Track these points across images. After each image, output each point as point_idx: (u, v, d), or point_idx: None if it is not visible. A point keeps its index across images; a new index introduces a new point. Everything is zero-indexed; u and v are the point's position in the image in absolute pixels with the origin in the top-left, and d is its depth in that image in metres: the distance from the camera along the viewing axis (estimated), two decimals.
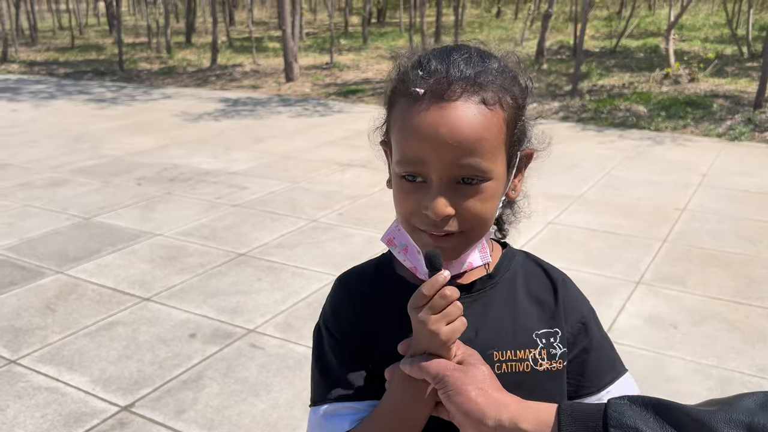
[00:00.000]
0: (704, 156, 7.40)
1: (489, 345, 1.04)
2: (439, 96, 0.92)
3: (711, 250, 4.75)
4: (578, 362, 1.09)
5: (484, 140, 0.93)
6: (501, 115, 0.95)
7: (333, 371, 1.05)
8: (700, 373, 3.27)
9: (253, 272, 4.45)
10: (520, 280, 1.11)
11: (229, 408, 3.05)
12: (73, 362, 3.42)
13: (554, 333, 1.07)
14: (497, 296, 1.08)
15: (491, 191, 0.97)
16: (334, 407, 1.04)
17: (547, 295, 1.10)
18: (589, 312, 1.13)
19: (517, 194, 1.08)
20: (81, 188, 6.39)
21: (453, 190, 0.94)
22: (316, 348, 1.11)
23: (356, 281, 1.14)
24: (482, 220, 0.98)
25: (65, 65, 16.59)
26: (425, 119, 0.92)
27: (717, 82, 10.87)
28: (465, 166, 0.92)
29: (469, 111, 0.92)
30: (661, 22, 19.82)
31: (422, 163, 0.93)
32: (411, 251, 1.05)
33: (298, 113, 10.31)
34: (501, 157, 0.97)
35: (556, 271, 1.15)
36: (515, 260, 1.14)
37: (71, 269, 4.53)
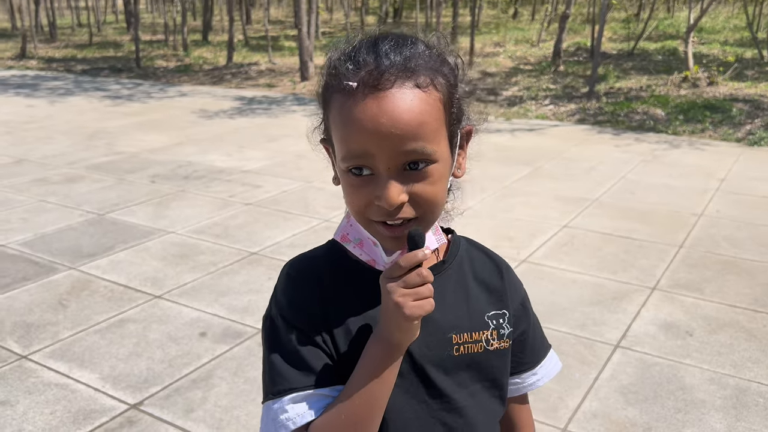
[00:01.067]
0: (722, 161, 7.30)
1: (449, 328, 1.07)
2: (373, 86, 0.91)
3: (728, 257, 4.68)
4: (520, 341, 1.17)
5: (425, 123, 0.93)
6: (436, 96, 0.95)
7: (294, 359, 1.00)
8: (716, 382, 3.21)
9: (264, 271, 4.44)
10: (467, 265, 1.14)
11: (238, 408, 3.03)
12: (84, 359, 3.42)
13: (503, 314, 1.12)
14: (450, 281, 1.11)
15: (439, 173, 0.97)
16: (298, 396, 0.99)
17: (493, 279, 1.15)
18: (525, 294, 1.21)
19: (463, 172, 1.08)
20: (95, 185, 6.42)
21: (402, 177, 0.94)
22: (268, 339, 1.05)
23: (310, 266, 1.11)
24: (434, 203, 0.98)
25: (83, 62, 16.71)
26: (364, 112, 0.91)
27: (736, 85, 10.73)
28: (410, 152, 0.92)
29: (405, 97, 0.92)
30: (680, 25, 19.62)
31: (367, 155, 0.93)
32: (367, 244, 1.06)
33: (312, 112, 10.16)
34: (443, 138, 0.97)
35: (497, 256, 1.21)
36: (461, 246, 1.16)
37: (84, 265, 4.54)
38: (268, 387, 1.02)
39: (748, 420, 2.93)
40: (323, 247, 1.15)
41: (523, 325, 1.17)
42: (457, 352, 1.06)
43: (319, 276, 1.07)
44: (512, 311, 1.14)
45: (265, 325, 1.07)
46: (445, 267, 1.10)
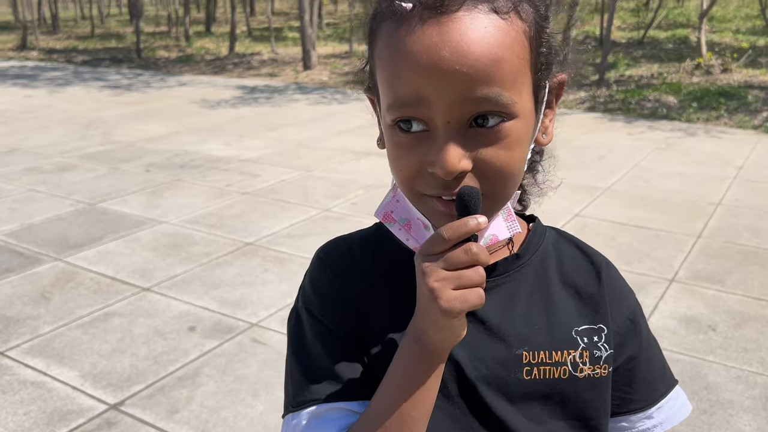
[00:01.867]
0: (739, 148, 7.02)
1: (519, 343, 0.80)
2: (434, 8, 0.66)
3: (750, 247, 4.42)
4: (626, 369, 0.87)
5: (503, 61, 0.67)
6: (520, 26, 0.69)
7: (320, 364, 0.81)
8: (744, 381, 2.97)
9: (259, 262, 4.21)
10: (553, 263, 0.86)
11: (226, 408, 2.81)
12: (64, 355, 3.20)
13: (599, 330, 0.84)
14: (526, 282, 0.83)
15: (517, 134, 0.70)
16: (320, 410, 0.79)
17: (588, 283, 0.86)
18: (636, 305, 0.90)
19: (549, 139, 0.80)
20: (88, 174, 6.20)
21: (466, 136, 0.68)
22: (294, 338, 0.85)
23: (344, 251, 0.88)
24: (509, 175, 0.72)
25: (84, 53, 16.52)
26: (419, 42, 0.66)
27: (751, 72, 10.42)
28: (479, 100, 0.66)
29: (477, 23, 0.66)
30: (690, 14, 19.26)
31: (421, 102, 0.67)
32: (416, 226, 0.79)
33: (315, 101, 10.06)
34: (526, 87, 0.70)
35: (596, 253, 0.90)
36: (546, 238, 0.88)
37: (70, 256, 4.32)
38: (289, 397, 0.83)
39: None
40: (368, 227, 0.91)
41: (632, 347, 0.87)
42: (529, 375, 0.80)
43: (353, 264, 0.86)
44: (614, 327, 0.85)
45: (291, 321, 0.88)
46: (520, 263, 0.84)
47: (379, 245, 0.87)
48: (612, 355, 0.84)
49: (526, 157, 0.75)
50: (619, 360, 0.86)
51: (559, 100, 0.80)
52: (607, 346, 0.84)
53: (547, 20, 0.74)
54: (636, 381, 0.88)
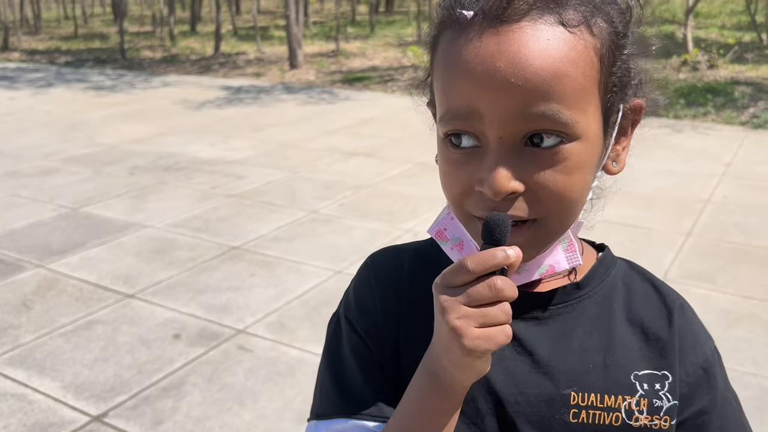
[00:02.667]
0: (727, 145, 7.03)
1: (567, 381, 0.74)
2: (496, 17, 0.62)
3: (740, 245, 4.40)
4: (692, 427, 0.78)
5: (565, 77, 0.61)
6: (590, 42, 0.64)
7: (350, 377, 0.79)
8: (737, 381, 2.92)
9: (246, 267, 4.14)
10: (620, 297, 0.79)
11: (212, 419, 2.74)
12: (45, 365, 3.13)
13: (662, 377, 0.76)
14: (585, 316, 0.77)
15: (578, 158, 0.65)
16: (345, 425, 0.77)
17: (657, 324, 0.78)
18: (712, 354, 0.81)
19: (621, 167, 0.75)
20: (71, 177, 6.10)
21: (520, 155, 0.64)
22: (330, 345, 0.83)
23: (393, 263, 0.84)
24: (566, 203, 0.66)
25: (67, 54, 16.33)
26: (476, 51, 0.62)
27: (737, 68, 10.45)
28: (537, 117, 0.62)
29: (540, 35, 0.62)
30: (676, 10, 19.33)
31: (473, 114, 0.63)
32: (468, 248, 0.75)
33: (302, 101, 9.98)
34: (592, 108, 0.65)
35: (672, 292, 0.83)
36: (615, 270, 0.81)
37: (53, 263, 4.23)
38: (315, 404, 0.82)
39: None
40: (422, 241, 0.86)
41: (703, 400, 0.78)
42: (576, 418, 0.74)
43: (400, 277, 0.82)
44: (683, 375, 0.78)
45: (330, 325, 0.86)
46: (580, 294, 0.78)
47: (431, 260, 0.81)
48: (676, 407, 0.77)
49: (590, 184, 0.70)
50: (687, 413, 0.77)
51: (635, 127, 0.75)
52: (671, 395, 0.76)
53: (626, 38, 0.69)
54: None
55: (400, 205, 5.23)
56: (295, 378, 3.00)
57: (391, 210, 5.12)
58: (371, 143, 7.20)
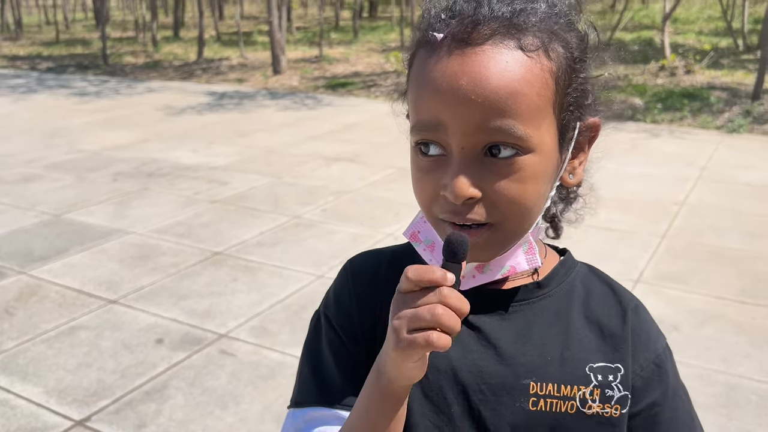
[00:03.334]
0: (703, 149, 7.17)
1: (526, 372, 0.80)
2: (461, 40, 0.70)
3: (713, 247, 4.51)
4: (646, 418, 0.84)
5: (521, 95, 0.69)
6: (546, 65, 0.71)
7: (327, 369, 0.86)
8: (706, 379, 3.03)
9: (228, 272, 4.18)
10: (579, 297, 0.86)
11: (194, 422, 2.79)
12: (28, 371, 3.15)
13: (615, 370, 0.83)
14: (545, 313, 0.84)
15: (533, 168, 0.72)
16: (320, 413, 0.84)
17: (612, 321, 0.85)
18: (664, 350, 0.88)
19: (577, 180, 0.82)
20: (53, 184, 6.10)
21: (479, 164, 0.71)
22: (310, 339, 0.91)
23: (371, 264, 0.91)
24: (520, 209, 0.73)
25: (48, 59, 16.23)
26: (442, 69, 0.70)
27: (713, 74, 10.64)
28: (494, 130, 0.69)
29: (499, 57, 0.69)
30: (655, 16, 19.60)
31: (439, 126, 0.71)
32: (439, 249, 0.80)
33: (285, 107, 10.02)
34: (547, 124, 0.72)
35: (628, 294, 0.90)
36: (575, 272, 0.88)
37: (35, 269, 4.25)
38: (294, 392, 0.90)
39: (740, 419, 2.75)
40: (400, 245, 0.93)
41: (654, 393, 0.84)
42: (535, 406, 0.80)
43: (376, 277, 0.89)
44: (636, 369, 0.84)
45: (312, 320, 0.93)
46: (541, 292, 0.84)
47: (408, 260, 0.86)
48: (626, 398, 0.83)
49: (546, 193, 0.76)
50: (641, 405, 0.84)
51: (592, 143, 0.82)
52: (622, 387, 0.82)
53: (582, 63, 0.76)
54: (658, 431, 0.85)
55: (382, 209, 5.29)
56: (276, 381, 3.04)
57: (373, 215, 5.18)
58: (354, 149, 7.27)
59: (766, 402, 2.86)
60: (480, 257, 0.76)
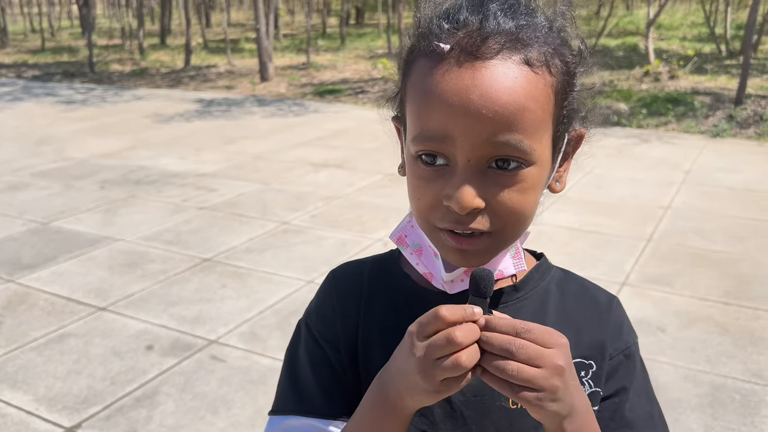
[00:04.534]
0: (687, 153, 7.26)
1: None
2: (471, 53, 0.71)
3: (697, 249, 4.58)
4: (611, 403, 0.88)
5: (528, 111, 0.71)
6: (549, 81, 0.74)
7: (305, 378, 0.88)
8: (691, 380, 3.08)
9: (217, 278, 4.19)
10: (554, 298, 0.89)
11: (185, 427, 2.79)
12: (17, 379, 3.14)
13: (588, 366, 0.87)
14: (521, 314, 0.86)
15: (533, 180, 0.75)
16: (298, 422, 0.85)
17: (588, 320, 0.89)
18: (635, 346, 0.92)
19: (562, 187, 0.85)
20: (41, 192, 6.08)
21: (484, 176, 0.73)
22: (291, 346, 0.93)
23: (352, 276, 0.92)
24: (519, 218, 0.76)
25: (34, 67, 16.16)
26: (452, 82, 0.71)
27: (697, 79, 10.78)
28: (502, 145, 0.71)
29: (509, 72, 0.71)
30: (640, 22, 19.81)
31: (446, 139, 0.72)
32: (426, 254, 0.84)
33: (272, 113, 10.04)
34: (546, 137, 0.75)
35: (603, 291, 0.94)
36: (550, 275, 0.92)
37: (23, 277, 4.24)
38: (275, 400, 0.91)
39: (725, 418, 2.80)
40: (382, 254, 0.95)
41: (624, 379, 0.88)
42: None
43: (359, 287, 0.90)
44: (608, 359, 0.87)
45: (296, 328, 0.95)
46: (518, 295, 0.87)
47: (388, 269, 0.91)
48: (597, 394, 0.86)
49: (539, 201, 0.80)
50: (610, 390, 0.88)
51: (575, 152, 0.85)
52: (593, 382, 0.86)
53: (575, 77, 0.79)
54: (619, 416, 0.88)
55: (370, 215, 5.32)
56: (266, 385, 3.06)
57: (361, 220, 5.21)
58: (342, 155, 7.30)
59: (749, 401, 2.91)
60: (473, 263, 0.78)
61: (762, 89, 9.71)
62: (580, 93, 0.81)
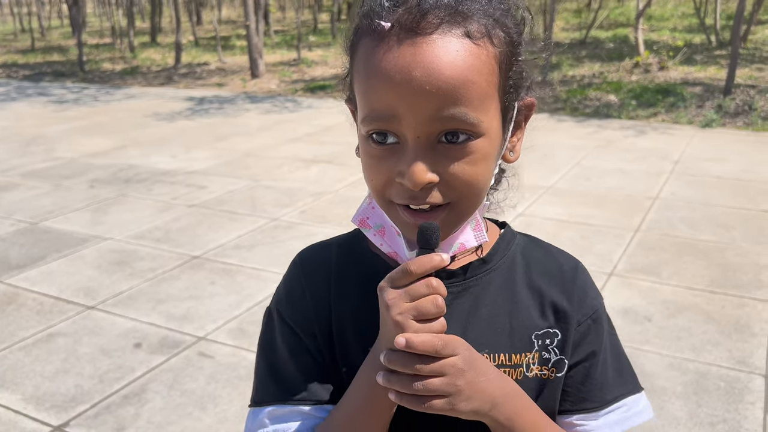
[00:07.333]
0: (676, 143, 7.29)
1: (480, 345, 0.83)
2: (411, 29, 0.71)
3: (685, 239, 4.60)
4: (582, 368, 0.90)
5: (471, 83, 0.71)
6: (491, 51, 0.74)
7: (284, 367, 0.87)
8: (677, 367, 3.10)
9: (206, 275, 4.19)
10: (521, 267, 0.90)
11: (173, 424, 2.80)
12: (5, 379, 3.15)
13: (553, 335, 0.88)
14: (491, 286, 0.88)
15: (483, 151, 0.75)
16: (281, 410, 0.84)
17: (553, 287, 0.90)
18: (601, 307, 0.93)
19: (516, 156, 0.86)
20: (30, 192, 6.07)
21: (434, 151, 0.73)
22: (264, 336, 0.91)
23: (321, 257, 0.92)
24: (474, 189, 0.77)
25: (25, 67, 16.09)
26: (394, 60, 0.71)
27: (686, 70, 10.80)
28: (448, 119, 0.71)
29: (450, 46, 0.71)
30: (630, 13, 19.82)
31: (393, 117, 0.72)
32: (389, 233, 0.84)
33: (263, 110, 10.02)
34: (494, 108, 0.76)
35: (566, 256, 0.95)
36: (515, 243, 0.92)
37: (11, 278, 4.23)
38: (254, 392, 0.90)
39: (709, 405, 2.82)
40: (346, 233, 0.95)
41: (593, 344, 0.90)
42: None
43: (328, 270, 0.90)
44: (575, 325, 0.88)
45: (264, 317, 0.94)
46: (486, 267, 0.88)
47: (355, 250, 0.91)
48: (562, 362, 0.88)
49: (493, 172, 0.80)
50: (581, 354, 0.89)
51: (527, 121, 0.86)
52: (558, 351, 0.88)
53: (519, 47, 0.79)
54: (590, 380, 0.90)
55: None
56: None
57: (350, 215, 5.18)
58: (332, 150, 7.30)
59: (733, 388, 2.93)
60: None
61: (751, 79, 9.74)
62: (526, 62, 0.81)
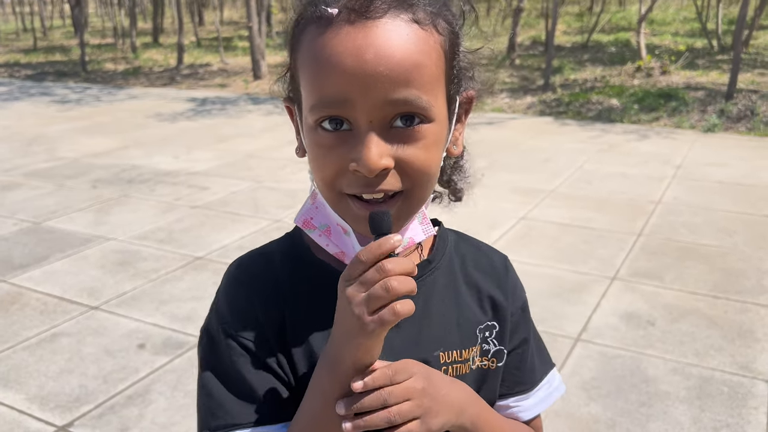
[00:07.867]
0: (678, 148, 7.30)
1: (435, 345, 0.85)
2: (360, 14, 0.70)
3: (687, 244, 4.61)
4: (516, 354, 0.95)
5: (423, 67, 0.72)
6: (437, 38, 0.74)
7: (235, 384, 0.81)
8: (680, 372, 3.10)
9: (210, 276, 4.20)
10: (458, 264, 0.91)
11: (177, 424, 2.81)
12: (9, 378, 3.15)
13: (491, 327, 0.91)
14: (437, 285, 0.88)
15: (434, 137, 0.75)
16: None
17: (487, 282, 0.92)
18: (525, 298, 1.00)
19: (459, 150, 0.85)
20: (33, 192, 6.08)
21: (387, 135, 0.72)
22: (206, 357, 0.84)
23: (263, 265, 0.88)
24: (426, 176, 0.76)
25: (27, 67, 16.11)
26: (345, 44, 0.70)
27: (688, 74, 10.81)
28: (401, 102, 0.71)
29: (400, 30, 0.71)
30: (632, 17, 19.84)
31: (346, 102, 0.71)
32: (336, 232, 0.82)
33: (266, 111, 10.03)
34: (441, 95, 0.75)
35: (494, 252, 0.97)
36: (449, 241, 0.93)
37: (15, 277, 4.24)
38: (206, 420, 0.81)
39: (712, 410, 2.82)
40: (280, 240, 0.91)
41: (523, 331, 0.96)
42: (447, 374, 0.85)
43: (274, 278, 0.85)
44: (508, 322, 0.93)
45: (202, 341, 0.86)
46: (431, 267, 0.88)
47: (298, 256, 0.87)
48: (502, 353, 0.91)
49: (441, 160, 0.79)
50: (515, 342, 0.94)
51: (468, 116, 0.85)
52: (497, 341, 0.91)
53: (459, 38, 0.79)
54: (523, 365, 0.96)
55: None
56: None
57: None
58: None
59: (737, 393, 2.94)
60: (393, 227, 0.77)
61: (753, 84, 9.75)
62: (466, 55, 0.81)
